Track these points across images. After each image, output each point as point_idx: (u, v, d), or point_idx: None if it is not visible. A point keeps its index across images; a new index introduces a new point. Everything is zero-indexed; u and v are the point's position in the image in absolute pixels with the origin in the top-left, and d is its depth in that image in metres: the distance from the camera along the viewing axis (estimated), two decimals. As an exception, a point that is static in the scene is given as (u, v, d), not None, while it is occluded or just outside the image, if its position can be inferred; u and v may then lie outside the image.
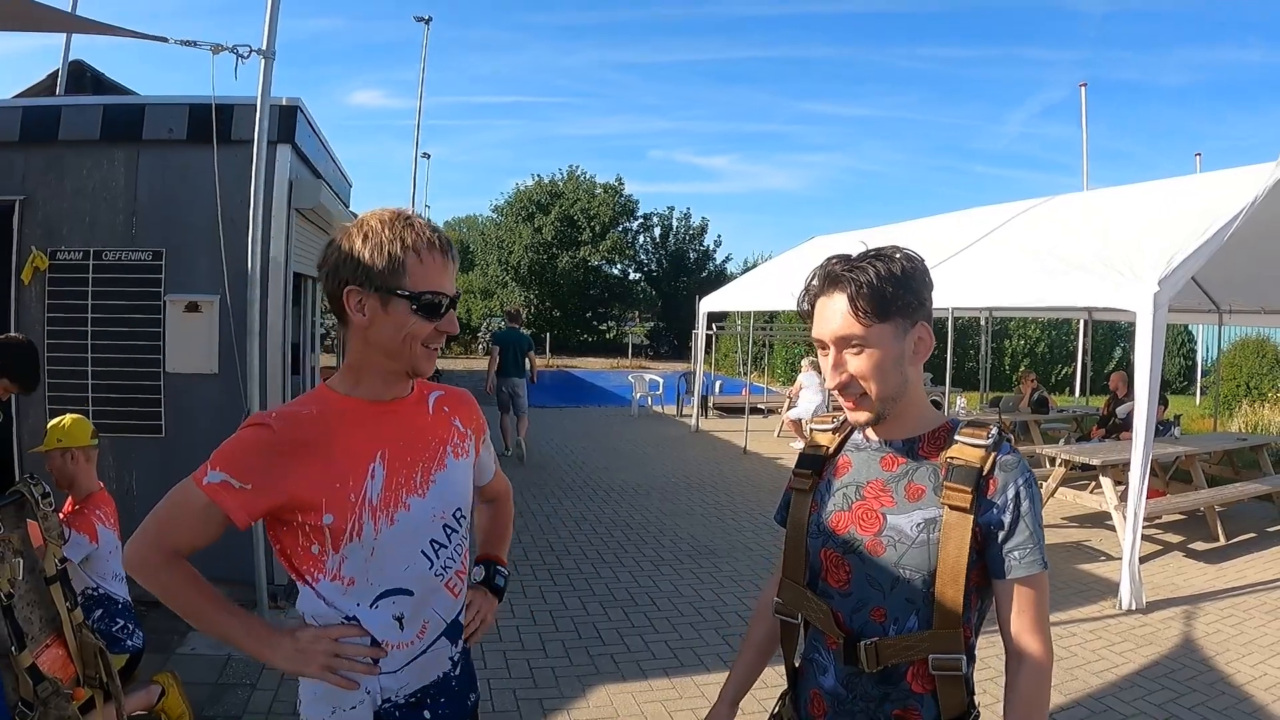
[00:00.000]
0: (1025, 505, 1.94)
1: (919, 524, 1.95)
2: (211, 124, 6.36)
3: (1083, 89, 37.86)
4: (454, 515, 2.20)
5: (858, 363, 1.97)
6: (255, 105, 6.12)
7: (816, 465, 2.20)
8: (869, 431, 2.11)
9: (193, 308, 6.73)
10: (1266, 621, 7.12)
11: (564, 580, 7.55)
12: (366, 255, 1.99)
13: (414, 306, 2.00)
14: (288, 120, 6.91)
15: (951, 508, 1.92)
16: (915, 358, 2.03)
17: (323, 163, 8.18)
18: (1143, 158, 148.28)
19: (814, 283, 2.06)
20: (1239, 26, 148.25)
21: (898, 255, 1.99)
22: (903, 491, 2.00)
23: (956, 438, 2.00)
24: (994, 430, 2.00)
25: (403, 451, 2.11)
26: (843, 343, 1.98)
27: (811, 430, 2.32)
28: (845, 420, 2.22)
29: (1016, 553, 1.92)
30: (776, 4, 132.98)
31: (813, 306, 2.07)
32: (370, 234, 2.00)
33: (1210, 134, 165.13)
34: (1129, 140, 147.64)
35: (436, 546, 2.14)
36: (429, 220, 2.07)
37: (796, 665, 2.23)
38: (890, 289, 1.95)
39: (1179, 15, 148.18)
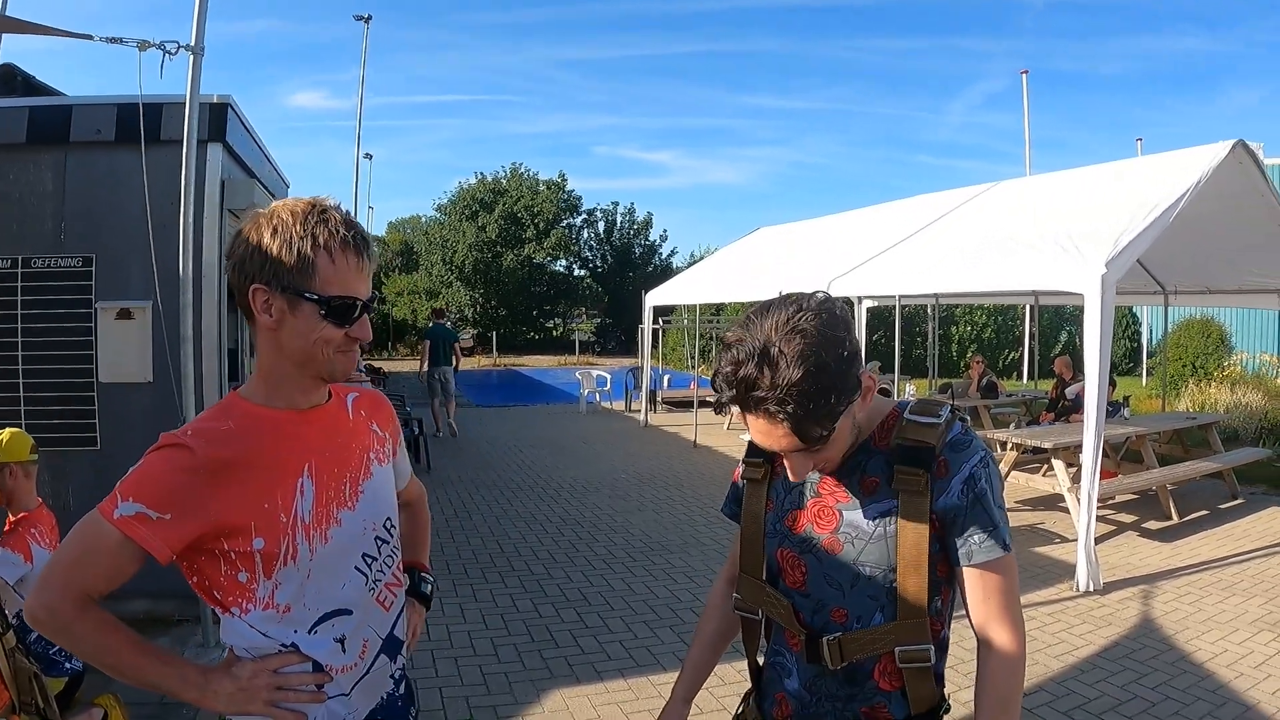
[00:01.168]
0: (982, 485, 1.82)
1: (875, 518, 1.85)
2: (141, 124, 6.19)
3: (1024, 76, 38.45)
4: (384, 525, 2.08)
5: (820, 455, 1.80)
6: (185, 104, 5.94)
7: (770, 456, 2.03)
8: None
9: (125, 314, 6.55)
10: (1223, 598, 7.17)
11: (515, 582, 7.41)
12: (275, 251, 1.79)
13: (323, 311, 1.82)
14: (218, 118, 6.73)
15: (904, 492, 1.82)
16: (863, 403, 1.82)
17: (257, 162, 8.00)
18: (1084, 145, 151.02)
19: (728, 394, 1.73)
20: (1176, 15, 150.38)
21: (803, 328, 1.67)
22: (858, 485, 1.89)
23: (906, 418, 1.88)
24: (945, 409, 1.89)
25: (329, 463, 1.96)
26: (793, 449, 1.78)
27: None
28: None
29: (975, 537, 1.81)
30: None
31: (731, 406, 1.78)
32: (280, 227, 1.80)
33: (1150, 120, 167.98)
34: (1070, 128, 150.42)
35: (369, 560, 2.02)
36: (347, 214, 1.88)
37: (760, 664, 2.14)
38: (825, 399, 1.67)
39: (1118, 5, 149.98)
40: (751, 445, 2.09)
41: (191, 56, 5.95)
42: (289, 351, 1.87)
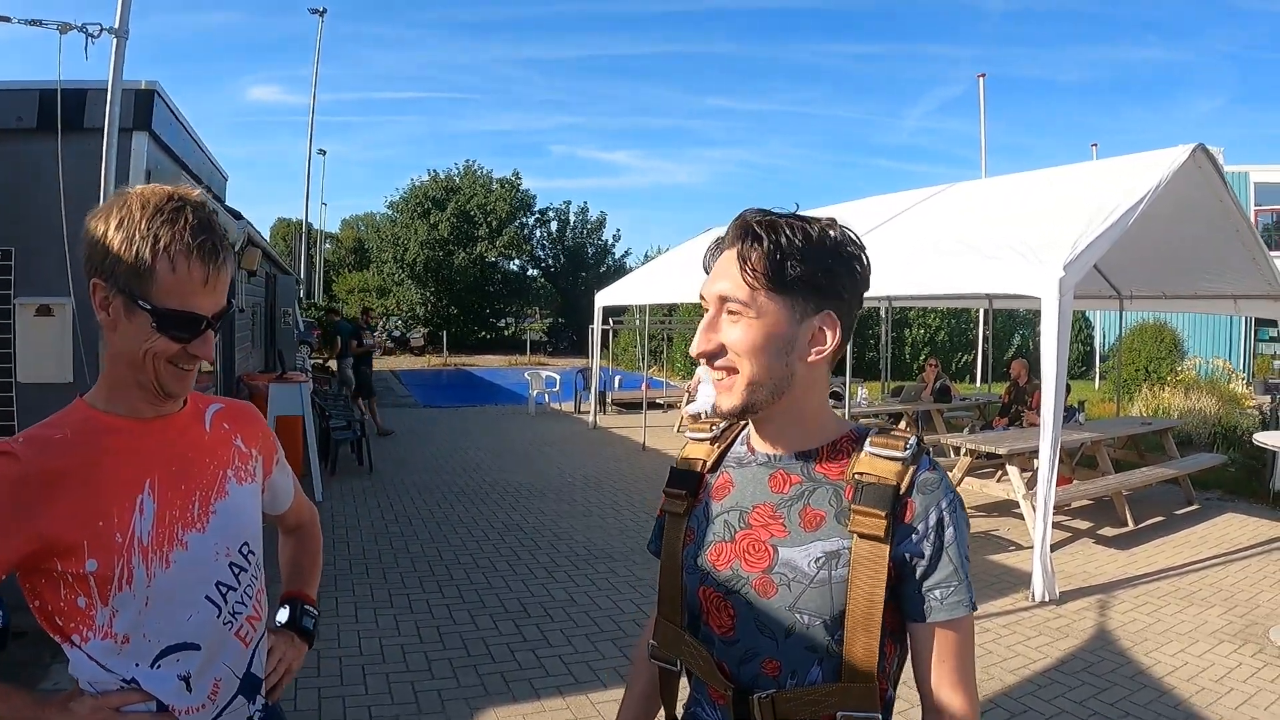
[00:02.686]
0: (949, 534, 1.56)
1: (818, 559, 1.56)
2: (59, 111, 5.91)
3: (981, 80, 38.47)
4: (241, 551, 1.84)
5: (734, 331, 1.60)
6: (107, 90, 5.66)
7: (691, 484, 1.80)
8: (754, 442, 1.73)
9: (44, 311, 6.27)
10: (1182, 608, 7.08)
11: (453, 592, 7.13)
12: (115, 247, 1.60)
13: (155, 323, 1.61)
14: (144, 106, 6.46)
15: (862, 536, 1.54)
16: (811, 352, 1.63)
17: (188, 153, 7.72)
18: (1040, 151, 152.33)
19: (724, 236, 1.67)
20: (1133, 24, 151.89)
21: (827, 225, 1.62)
22: (797, 518, 1.61)
23: (867, 449, 1.62)
24: (911, 441, 1.62)
25: (175, 479, 1.73)
26: (722, 303, 1.62)
27: (688, 439, 1.93)
28: (726, 429, 1.85)
29: (938, 591, 1.55)
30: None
31: (708, 263, 1.72)
32: (125, 221, 1.60)
33: (1106, 128, 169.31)
34: (1027, 134, 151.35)
35: (224, 589, 1.78)
36: (206, 215, 1.65)
37: (679, 718, 1.86)
38: (797, 256, 1.56)
39: (1076, 13, 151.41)
40: (674, 473, 1.85)
41: (115, 40, 5.68)
42: (121, 355, 1.65)
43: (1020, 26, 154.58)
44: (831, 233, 1.60)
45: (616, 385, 21.51)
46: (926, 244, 9.27)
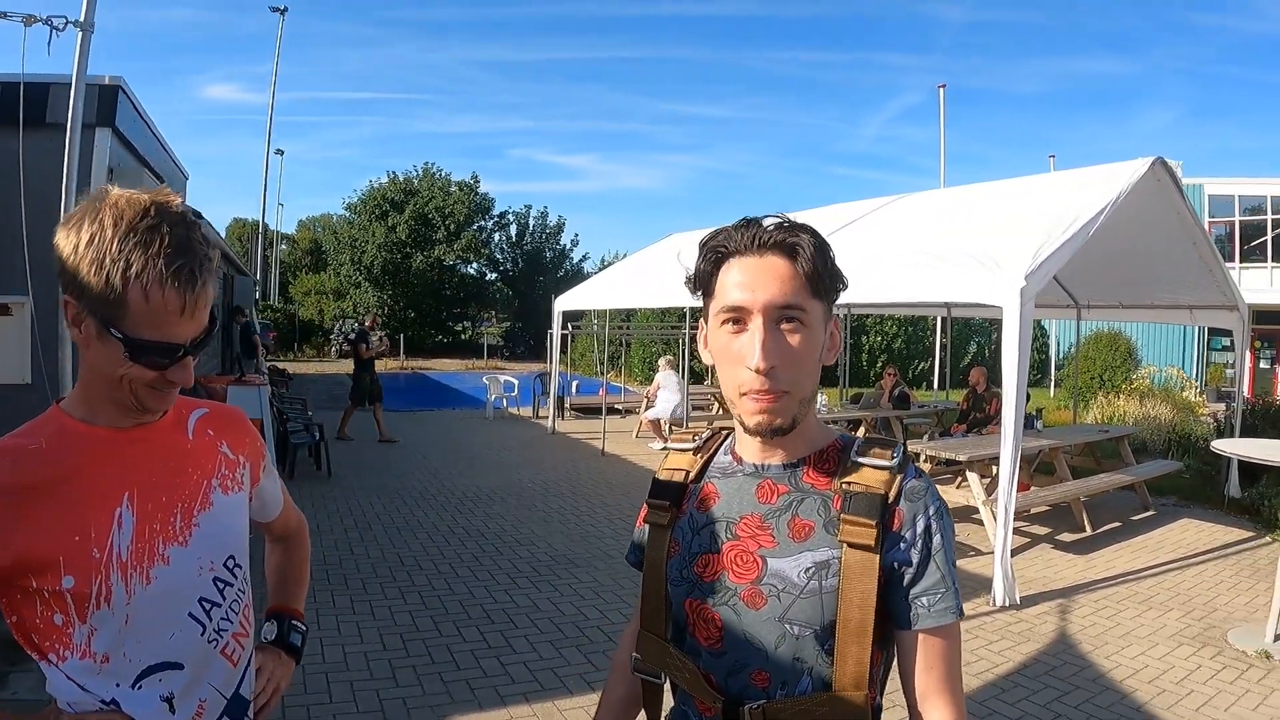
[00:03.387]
0: (936, 541, 1.56)
1: (808, 569, 1.55)
2: (22, 105, 5.81)
3: (941, 90, 38.78)
4: (226, 565, 1.77)
5: (795, 342, 1.54)
6: (71, 84, 5.58)
7: (675, 495, 1.77)
8: (740, 451, 1.71)
9: (3, 310, 6.16)
10: (1141, 612, 7.16)
11: (415, 598, 7.07)
12: (84, 268, 1.47)
13: (128, 353, 1.51)
14: (108, 101, 6.36)
15: (852, 546, 1.53)
16: (827, 355, 1.63)
17: (151, 150, 7.63)
18: (998, 161, 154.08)
19: (728, 244, 1.59)
20: (1090, 37, 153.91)
21: (820, 234, 1.61)
22: (785, 529, 1.59)
23: (854, 458, 1.61)
24: (898, 450, 1.62)
25: (155, 490, 1.66)
26: (780, 314, 1.53)
27: (668, 451, 1.90)
28: (709, 439, 1.84)
29: (925, 599, 1.54)
30: (640, 5, 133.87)
31: (715, 272, 1.61)
32: (96, 238, 1.46)
33: (1063, 139, 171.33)
34: (984, 144, 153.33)
35: (208, 606, 1.71)
36: (184, 234, 1.52)
37: None
38: (830, 267, 1.57)
39: (1034, 26, 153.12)
40: (657, 484, 1.82)
41: (80, 33, 5.60)
42: (99, 372, 1.58)
43: (979, 37, 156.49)
44: (822, 236, 1.61)
45: (574, 390, 21.51)
46: (888, 252, 9.31)
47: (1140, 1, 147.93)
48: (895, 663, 1.63)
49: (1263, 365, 28.00)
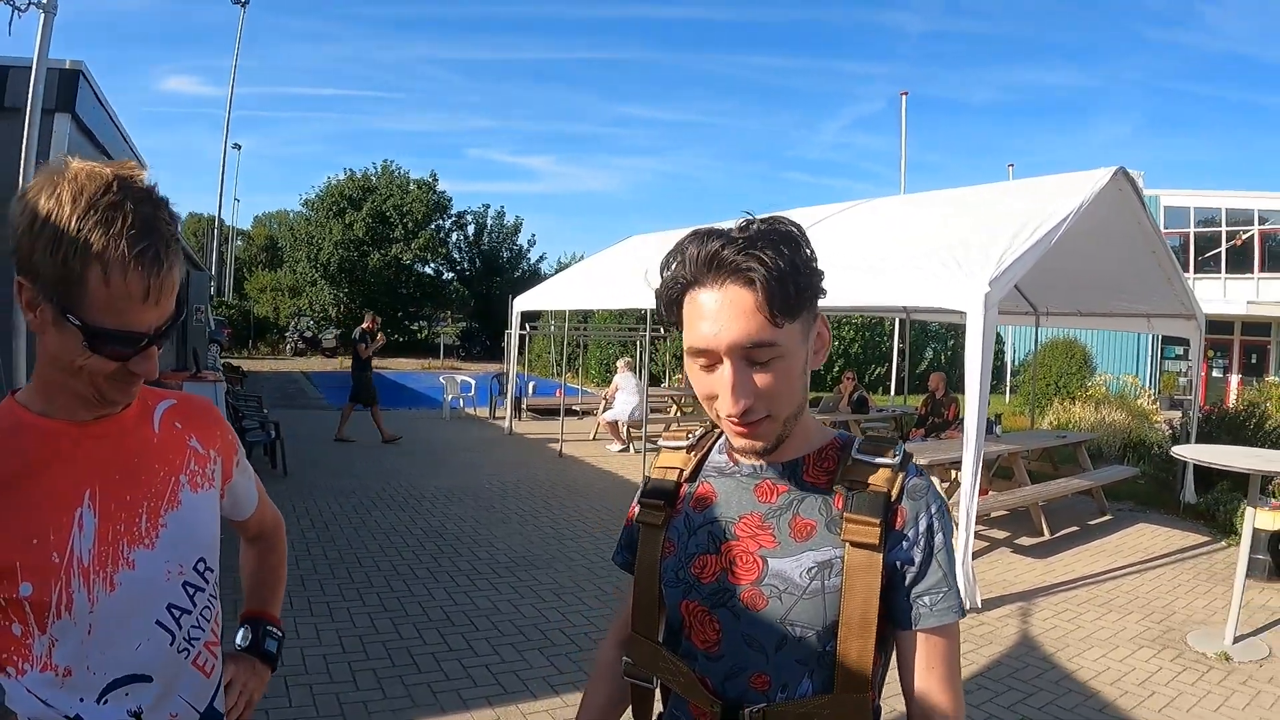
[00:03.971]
0: (939, 540, 1.53)
1: (810, 569, 1.50)
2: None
3: (904, 97, 38.99)
4: (197, 569, 1.65)
5: (767, 378, 1.46)
6: (31, 67, 5.46)
7: (669, 494, 1.71)
8: (736, 451, 1.62)
9: (-46, 299, 6.02)
10: (1101, 615, 7.21)
11: (374, 600, 6.98)
12: (40, 248, 1.35)
13: (86, 342, 1.38)
14: (68, 86, 6.23)
15: (855, 545, 1.49)
16: (815, 359, 1.57)
17: (110, 139, 7.49)
18: (956, 170, 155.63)
19: (687, 270, 1.47)
20: (1048, 49, 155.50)
21: (790, 228, 1.49)
22: (787, 528, 1.55)
23: (855, 456, 1.58)
24: (899, 448, 1.58)
25: (118, 489, 1.54)
26: (746, 354, 1.44)
27: (661, 448, 1.82)
28: (702, 436, 1.78)
29: (927, 598, 1.51)
30: (600, 6, 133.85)
31: (678, 302, 1.50)
32: (54, 214, 1.34)
33: (1020, 150, 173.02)
34: (943, 153, 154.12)
35: (177, 613, 1.60)
36: (149, 212, 1.39)
37: None
38: (799, 277, 1.45)
39: (993, 37, 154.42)
40: (649, 483, 1.77)
41: (42, 14, 5.49)
42: (57, 362, 1.45)
43: (939, 47, 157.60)
44: (793, 229, 1.50)
45: (532, 391, 21.37)
46: (850, 256, 9.30)
47: (1098, 15, 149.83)
48: (894, 663, 1.59)
49: (1215, 374, 28.40)
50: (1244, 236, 28.38)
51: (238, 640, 2.02)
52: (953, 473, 9.39)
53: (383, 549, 8.46)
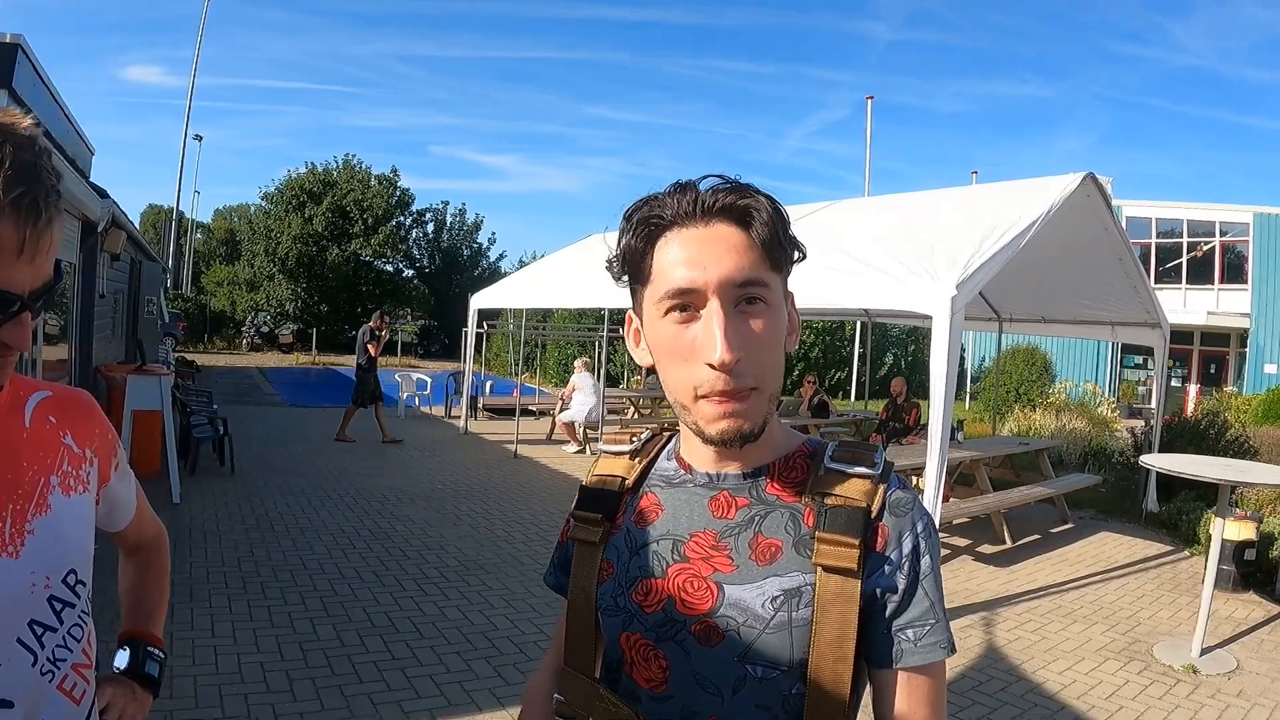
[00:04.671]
0: (925, 564, 1.29)
1: (775, 598, 1.26)
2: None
3: (869, 102, 39.10)
4: (66, 581, 1.42)
5: (758, 328, 1.25)
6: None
7: (608, 506, 1.47)
8: (688, 457, 1.41)
9: None
10: (1065, 625, 7.11)
11: (317, 605, 6.71)
12: None
13: None
14: (6, 60, 5.92)
15: (829, 570, 1.25)
16: (789, 340, 1.34)
17: (52, 119, 7.19)
18: (921, 177, 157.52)
19: (663, 213, 1.28)
20: (1013, 61, 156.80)
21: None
22: (747, 549, 1.30)
23: (827, 464, 1.34)
24: (879, 455, 1.35)
25: None
26: (739, 293, 1.24)
27: (600, 453, 1.59)
28: (649, 440, 1.54)
29: (912, 631, 1.26)
30: (569, 6, 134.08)
31: (649, 249, 1.29)
32: None
33: (984, 159, 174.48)
34: (908, 161, 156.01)
35: (39, 630, 1.37)
36: (36, 156, 1.19)
37: None
38: (787, 226, 1.29)
39: (958, 48, 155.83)
40: (586, 492, 1.53)
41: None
42: None
43: (906, 55, 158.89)
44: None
45: (488, 390, 21.10)
46: (816, 257, 9.09)
47: (1064, 29, 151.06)
48: (868, 701, 1.34)
49: (1174, 384, 28.56)
50: (1205, 248, 28.71)
51: (116, 663, 1.79)
52: (914, 479, 9.25)
53: (329, 551, 8.19)
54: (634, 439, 1.55)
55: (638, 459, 1.52)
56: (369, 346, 15.30)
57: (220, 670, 5.43)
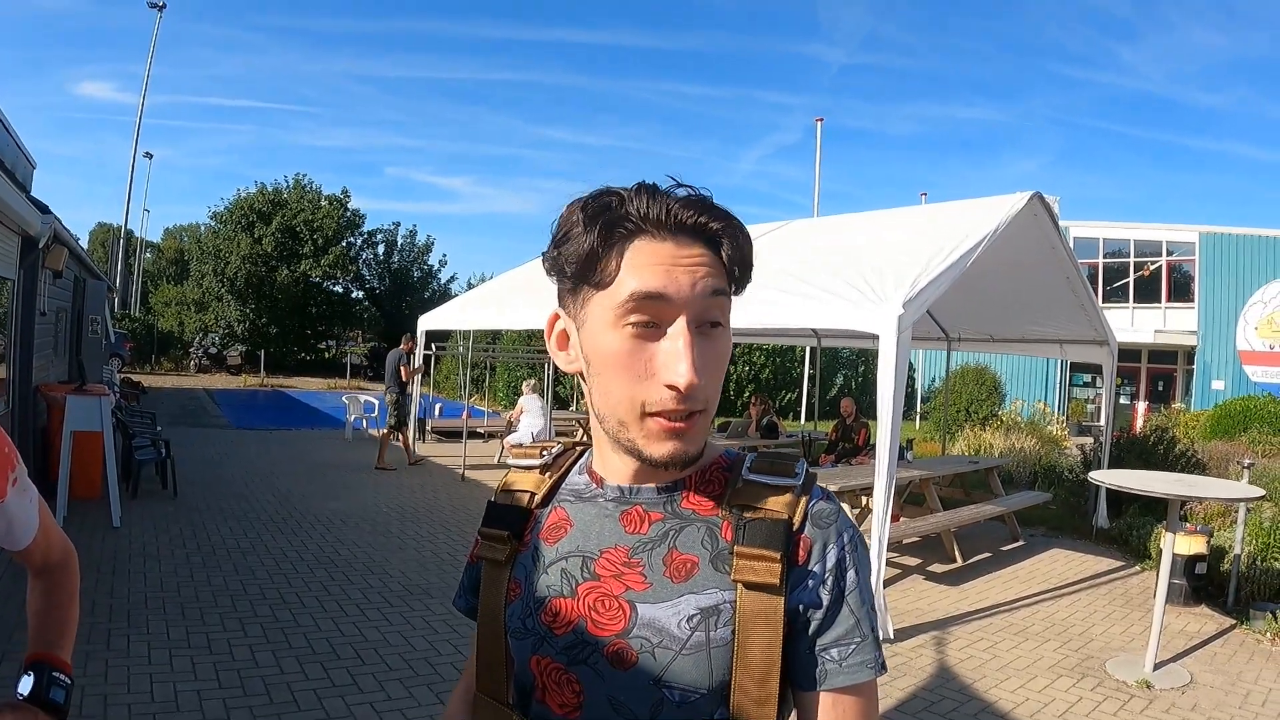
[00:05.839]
0: (851, 578, 1.21)
1: (691, 616, 1.18)
2: None
3: (819, 124, 39.36)
4: None
5: (713, 353, 1.20)
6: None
7: (515, 523, 1.39)
8: (600, 470, 1.34)
9: None
10: (1017, 643, 7.08)
11: (257, 630, 6.55)
12: None
13: None
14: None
15: (749, 586, 1.17)
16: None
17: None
18: (871, 200, 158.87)
19: (631, 215, 1.18)
20: (962, 85, 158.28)
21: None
22: (660, 566, 1.23)
23: (745, 476, 1.27)
24: (799, 467, 1.27)
25: None
26: (704, 312, 1.18)
27: (509, 468, 1.52)
28: (560, 455, 1.47)
29: (836, 650, 1.18)
30: (523, 28, 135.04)
31: (610, 251, 1.18)
32: None
33: (934, 181, 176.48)
34: (858, 184, 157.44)
35: None
36: None
37: None
38: (750, 250, 1.24)
39: (909, 71, 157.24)
40: (493, 509, 1.44)
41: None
42: None
43: (856, 79, 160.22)
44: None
45: (437, 413, 20.98)
46: (763, 279, 9.07)
47: (1015, 52, 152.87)
48: None
49: (1123, 401, 28.84)
50: (1152, 267, 29.06)
51: (20, 689, 1.68)
52: (864, 499, 9.23)
53: (270, 576, 8.01)
54: (544, 453, 1.47)
55: (548, 473, 1.45)
56: (402, 370, 15.19)
57: (156, 699, 5.28)
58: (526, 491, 1.43)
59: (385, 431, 15.47)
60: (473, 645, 1.43)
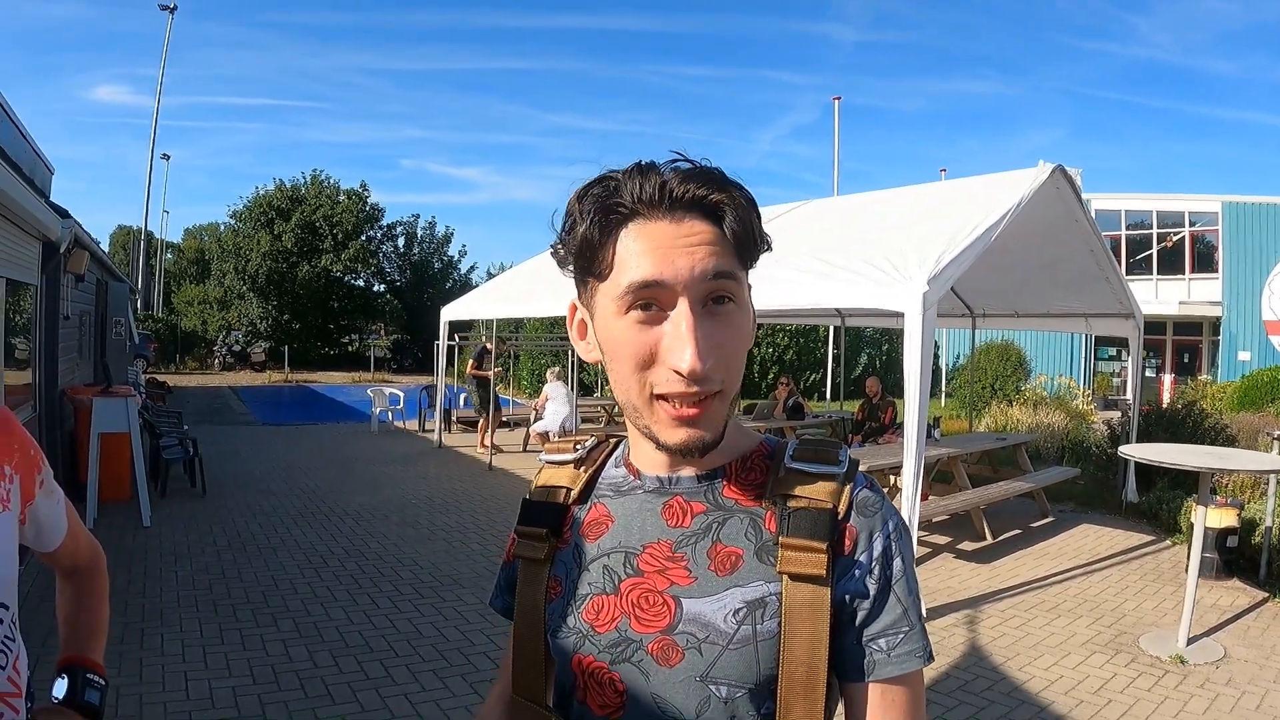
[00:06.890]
0: (896, 566, 1.18)
1: (738, 610, 1.16)
2: None
3: (836, 102, 39.19)
4: None
5: (725, 332, 1.15)
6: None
7: (552, 519, 1.36)
8: (636, 462, 1.32)
9: None
10: (1050, 620, 7.03)
11: (289, 625, 6.57)
12: None
13: None
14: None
15: (795, 578, 1.14)
16: (749, 339, 1.23)
17: (8, 138, 7.04)
18: (889, 177, 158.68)
19: (625, 200, 1.15)
20: (974, 61, 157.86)
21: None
22: (704, 559, 1.20)
23: (788, 464, 1.23)
24: (843, 454, 1.24)
25: None
26: (706, 292, 1.13)
27: (542, 464, 1.48)
28: (594, 448, 1.44)
29: (884, 640, 1.15)
30: (531, 15, 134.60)
31: (607, 239, 1.16)
32: None
33: (950, 158, 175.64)
34: (875, 162, 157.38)
35: None
36: None
37: None
38: (758, 220, 1.17)
39: (922, 47, 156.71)
40: (529, 506, 1.41)
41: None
42: None
43: (870, 57, 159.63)
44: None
45: (462, 403, 20.96)
46: (785, 259, 9.05)
47: (1024, 27, 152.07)
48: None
49: (1148, 374, 28.69)
50: (1175, 238, 28.85)
51: (55, 692, 1.68)
52: (892, 478, 9.18)
53: (301, 570, 8.04)
54: (577, 447, 1.44)
55: (583, 468, 1.42)
56: (484, 367, 16.10)
57: (191, 696, 5.30)
58: (562, 488, 1.40)
59: (481, 421, 16.21)
60: (509, 646, 1.41)
